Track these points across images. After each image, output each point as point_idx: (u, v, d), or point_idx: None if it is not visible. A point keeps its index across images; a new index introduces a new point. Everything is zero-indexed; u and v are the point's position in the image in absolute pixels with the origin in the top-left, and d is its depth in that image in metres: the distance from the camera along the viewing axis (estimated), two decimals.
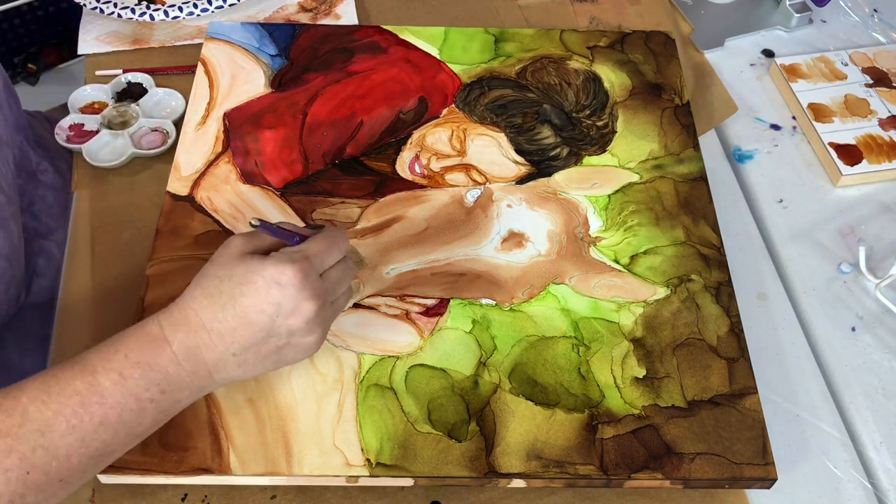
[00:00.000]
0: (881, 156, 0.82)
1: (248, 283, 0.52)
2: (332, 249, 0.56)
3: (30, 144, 0.78)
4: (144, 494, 0.59)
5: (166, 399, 0.52)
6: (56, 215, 0.77)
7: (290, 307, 0.52)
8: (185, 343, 0.52)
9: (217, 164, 0.75)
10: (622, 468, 0.58)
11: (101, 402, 0.49)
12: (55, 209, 0.77)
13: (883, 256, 0.76)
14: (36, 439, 0.47)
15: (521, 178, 0.75)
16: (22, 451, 0.47)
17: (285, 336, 0.54)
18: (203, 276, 0.54)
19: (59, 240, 0.76)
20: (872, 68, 0.90)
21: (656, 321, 0.66)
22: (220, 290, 0.53)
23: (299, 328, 0.53)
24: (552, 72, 0.83)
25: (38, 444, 0.47)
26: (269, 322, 0.53)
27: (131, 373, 0.50)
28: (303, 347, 0.55)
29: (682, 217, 0.73)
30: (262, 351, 0.54)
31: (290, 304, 0.52)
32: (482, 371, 0.63)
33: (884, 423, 0.67)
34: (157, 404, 0.51)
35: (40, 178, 0.77)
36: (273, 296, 0.52)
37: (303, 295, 0.53)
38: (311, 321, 0.54)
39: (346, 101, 0.80)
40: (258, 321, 0.52)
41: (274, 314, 0.52)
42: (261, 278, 0.52)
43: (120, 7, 0.90)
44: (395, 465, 0.58)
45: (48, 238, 0.75)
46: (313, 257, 0.55)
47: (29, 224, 0.74)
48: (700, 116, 0.85)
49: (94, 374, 0.50)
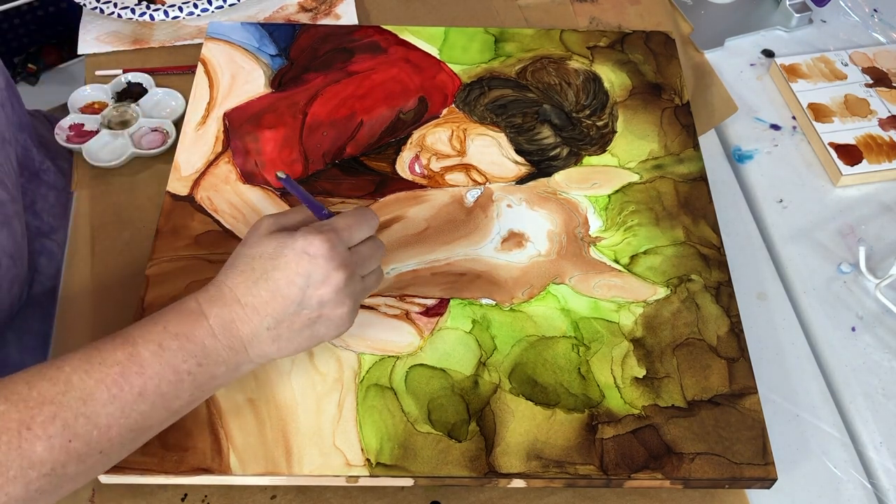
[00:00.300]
0: (881, 156, 0.82)
1: (278, 257, 0.54)
2: (362, 224, 0.58)
3: (33, 143, 0.78)
4: (144, 494, 0.59)
5: (203, 372, 0.53)
6: (58, 214, 0.77)
7: (319, 277, 0.54)
8: (221, 316, 0.53)
9: (217, 164, 0.75)
10: (622, 468, 0.58)
11: (141, 373, 0.50)
12: (57, 208, 0.77)
13: (883, 256, 0.76)
14: (78, 407, 0.48)
15: (521, 178, 0.75)
16: (65, 418, 0.48)
17: (317, 308, 0.55)
18: (236, 257, 0.56)
19: (60, 239, 0.76)
20: (872, 68, 0.90)
21: (656, 321, 0.66)
22: (253, 267, 0.54)
23: (330, 298, 0.54)
24: (552, 72, 0.83)
25: (80, 413, 0.48)
26: (299, 293, 0.54)
27: (170, 344, 0.52)
28: (335, 321, 0.56)
29: (682, 217, 0.73)
30: (295, 324, 0.55)
31: (320, 273, 0.54)
32: (482, 371, 0.63)
33: (884, 423, 0.67)
34: (195, 377, 0.52)
35: (43, 178, 0.77)
36: (303, 266, 0.54)
37: (332, 265, 0.54)
38: (341, 291, 0.55)
39: (346, 101, 0.80)
40: (289, 293, 0.54)
41: (304, 285, 0.54)
42: (291, 251, 0.54)
43: (120, 7, 0.90)
44: (395, 465, 0.58)
45: (50, 237, 0.76)
46: (342, 230, 0.56)
47: (31, 223, 0.74)
48: (700, 116, 0.85)
49: (134, 345, 0.51)
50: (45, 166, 0.78)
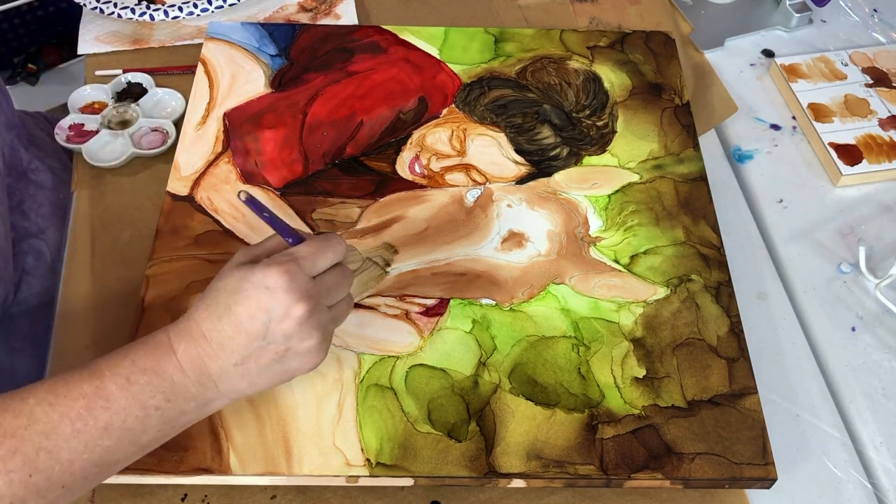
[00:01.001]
0: (881, 156, 0.82)
1: (239, 291, 0.52)
2: (326, 251, 0.55)
3: (21, 143, 0.77)
4: (144, 494, 0.59)
5: (171, 408, 0.51)
6: (47, 214, 0.77)
7: (280, 311, 0.52)
8: (189, 352, 0.52)
9: (217, 164, 0.75)
10: (622, 468, 0.58)
11: (107, 407, 0.49)
12: (46, 208, 0.77)
13: (883, 256, 0.76)
14: (40, 441, 0.47)
15: (521, 178, 0.75)
16: (26, 452, 0.47)
17: (283, 342, 0.53)
18: (209, 289, 0.54)
19: (49, 239, 0.75)
20: (872, 68, 0.90)
21: (656, 321, 0.66)
22: (217, 301, 0.53)
23: (294, 332, 0.53)
24: (552, 72, 0.83)
25: (42, 447, 0.47)
26: (262, 328, 0.52)
27: (137, 378, 0.50)
28: (304, 354, 0.54)
29: (682, 217, 0.73)
30: (262, 359, 0.53)
31: (281, 307, 0.52)
32: (482, 371, 0.63)
33: (884, 423, 0.67)
34: (163, 413, 0.51)
35: (31, 178, 0.77)
36: (263, 301, 0.52)
37: (292, 297, 0.52)
38: (305, 324, 0.53)
39: (346, 101, 0.80)
40: (252, 328, 0.52)
41: (267, 320, 0.52)
42: (250, 284, 0.52)
43: (120, 7, 0.90)
44: (395, 465, 0.58)
45: (38, 237, 0.75)
46: (302, 259, 0.54)
47: (18, 223, 0.74)
48: (700, 116, 0.85)
49: (101, 378, 0.50)
50: (34, 166, 0.78)
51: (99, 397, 0.49)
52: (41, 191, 0.77)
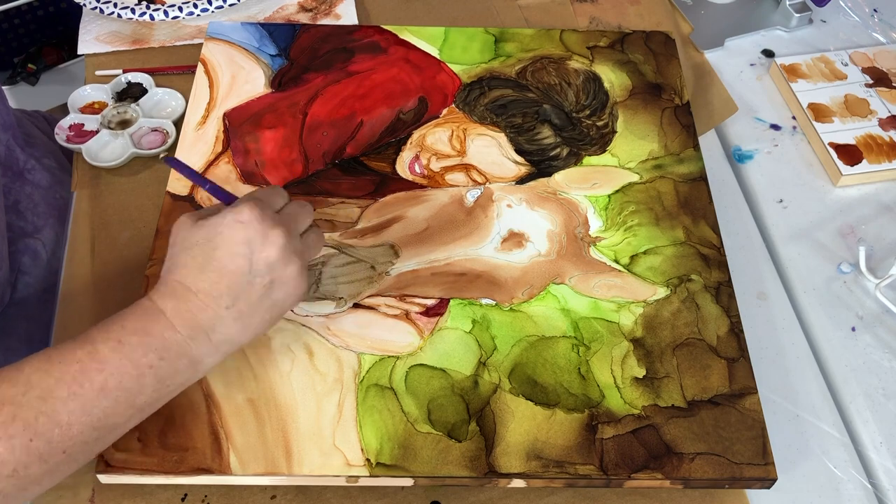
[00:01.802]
0: (881, 156, 0.82)
1: (214, 237, 0.54)
2: (275, 194, 0.59)
3: (17, 143, 0.77)
4: (144, 494, 0.59)
5: (165, 366, 0.52)
6: (43, 214, 0.77)
7: (259, 239, 0.54)
8: (178, 308, 0.53)
9: (217, 164, 0.75)
10: (622, 468, 0.58)
11: (101, 369, 0.50)
12: (42, 207, 0.77)
13: (883, 256, 0.76)
14: (38, 406, 0.48)
15: (521, 178, 0.75)
16: (25, 417, 0.47)
17: (267, 271, 0.55)
18: (171, 256, 0.56)
19: (45, 238, 0.76)
20: (872, 68, 0.90)
21: (656, 321, 0.66)
22: (193, 255, 0.54)
23: (277, 257, 0.55)
24: (552, 72, 0.83)
25: (40, 411, 0.48)
26: (245, 263, 0.54)
27: (129, 339, 0.52)
28: (288, 282, 0.56)
29: (682, 217, 0.73)
30: (252, 296, 0.55)
31: (258, 236, 0.54)
32: (482, 371, 0.63)
33: (884, 423, 0.67)
34: (156, 371, 0.52)
35: (27, 177, 0.77)
36: (240, 235, 0.54)
37: (266, 224, 0.55)
38: (285, 248, 0.55)
39: (346, 101, 0.80)
40: (236, 265, 0.54)
41: (248, 252, 0.54)
42: (223, 226, 0.54)
43: (120, 7, 0.90)
44: (395, 465, 0.58)
45: (34, 236, 0.75)
46: (261, 198, 0.57)
47: (14, 223, 0.74)
48: (700, 116, 0.85)
49: (93, 342, 0.51)
50: (30, 165, 0.78)
51: (93, 360, 0.50)
52: (37, 190, 0.77)
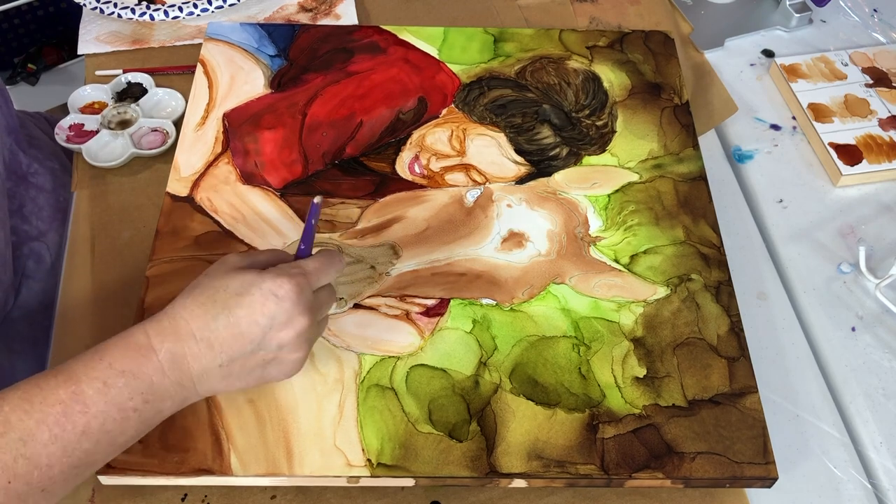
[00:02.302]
0: (881, 156, 0.82)
1: (244, 295, 0.52)
2: (329, 269, 0.57)
3: (20, 146, 0.77)
4: (144, 494, 0.59)
5: (149, 408, 0.51)
6: (47, 217, 0.76)
7: (283, 320, 0.53)
8: (172, 351, 0.52)
9: (217, 165, 0.75)
10: (623, 468, 0.58)
11: (84, 412, 0.49)
12: (46, 211, 0.76)
13: (883, 256, 0.76)
14: (18, 448, 0.47)
15: (520, 178, 0.75)
16: (4, 460, 0.46)
17: (274, 350, 0.54)
18: (196, 287, 0.54)
19: (50, 242, 0.75)
20: (872, 68, 0.90)
21: (656, 321, 0.66)
22: (214, 300, 0.52)
23: (289, 342, 0.53)
24: (551, 72, 0.83)
25: (19, 454, 0.47)
26: (260, 334, 0.53)
27: (115, 381, 0.50)
28: (288, 364, 0.55)
29: (682, 216, 0.73)
30: (248, 364, 0.54)
31: (285, 316, 0.53)
32: (483, 371, 0.63)
33: (884, 423, 0.67)
34: (140, 414, 0.51)
35: (31, 180, 0.77)
36: (269, 308, 0.52)
37: (298, 309, 0.53)
38: (302, 336, 0.54)
39: (345, 102, 0.80)
40: (250, 332, 0.52)
41: (267, 326, 0.52)
42: (258, 290, 0.52)
43: (120, 7, 0.90)
44: (396, 465, 0.58)
45: (39, 240, 0.75)
46: (310, 274, 0.55)
47: (19, 227, 0.74)
48: (700, 116, 0.85)
49: (77, 382, 0.49)
50: (34, 169, 0.77)
51: (76, 402, 0.49)
52: (41, 193, 0.77)
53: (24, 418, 0.47)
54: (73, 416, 0.48)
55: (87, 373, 0.50)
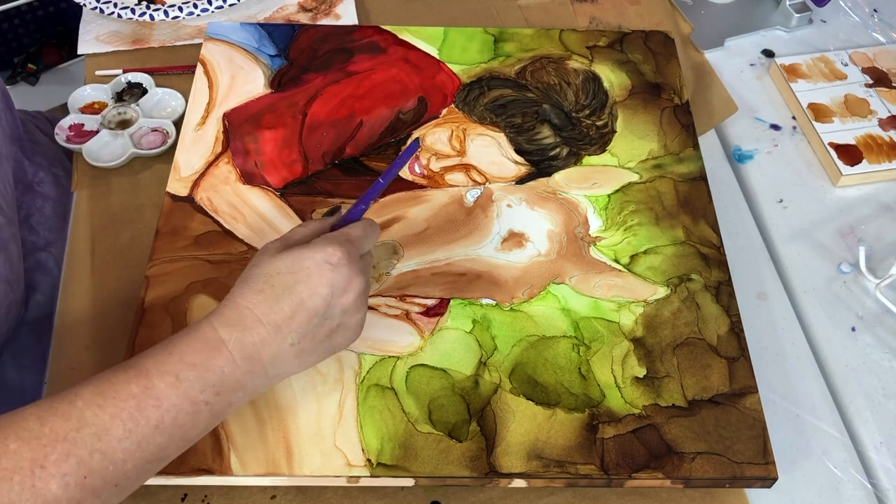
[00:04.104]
0: (881, 156, 0.82)
1: (298, 271, 0.53)
2: (370, 235, 0.59)
3: (25, 154, 0.77)
4: (144, 494, 0.59)
5: (220, 401, 0.51)
6: (54, 227, 0.76)
7: (343, 285, 0.54)
8: (242, 341, 0.52)
9: (217, 165, 0.75)
10: (623, 468, 0.58)
11: (157, 405, 0.49)
12: (53, 220, 0.76)
13: (883, 256, 0.76)
14: (93, 443, 0.47)
15: (520, 178, 0.75)
16: (80, 455, 0.46)
17: (339, 316, 0.55)
18: (248, 278, 0.54)
19: (56, 252, 0.75)
20: (872, 68, 0.90)
21: (656, 321, 0.66)
22: (272, 284, 0.53)
23: (351, 305, 0.55)
24: (552, 72, 0.83)
25: (95, 449, 0.47)
26: (324, 305, 0.54)
27: (187, 374, 0.50)
28: (351, 328, 0.56)
29: (682, 217, 0.73)
30: (317, 337, 0.54)
31: (343, 281, 0.54)
32: (483, 371, 0.63)
33: (884, 423, 0.67)
34: (212, 407, 0.51)
35: (37, 189, 0.76)
36: (326, 276, 0.53)
37: (353, 271, 0.54)
38: (361, 296, 0.55)
39: (345, 102, 0.80)
40: (314, 304, 0.53)
41: (329, 294, 0.54)
42: (313, 263, 0.53)
43: (120, 7, 0.90)
44: (396, 465, 0.58)
45: (46, 250, 0.75)
46: (356, 239, 0.56)
47: (26, 238, 0.73)
48: (700, 116, 0.85)
49: (148, 376, 0.49)
50: (39, 177, 0.77)
51: (149, 396, 0.49)
52: (47, 202, 0.77)
53: (99, 413, 0.48)
54: (147, 410, 0.49)
55: (158, 367, 0.50)
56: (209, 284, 0.66)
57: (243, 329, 0.52)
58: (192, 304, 0.65)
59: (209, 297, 0.66)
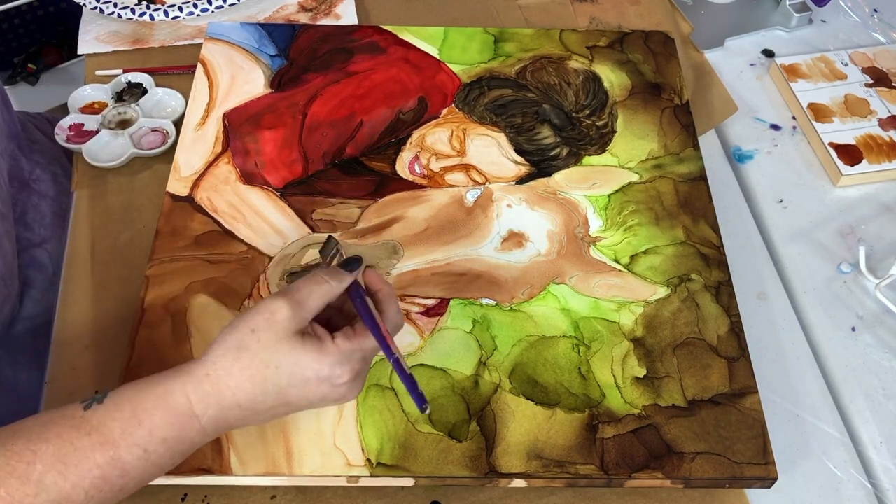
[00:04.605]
0: (881, 156, 0.82)
1: (297, 375, 0.50)
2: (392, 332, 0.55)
3: (22, 152, 0.77)
4: (144, 494, 0.59)
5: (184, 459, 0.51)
6: (50, 224, 0.76)
7: (334, 398, 0.52)
8: (216, 418, 0.50)
9: (217, 165, 0.75)
10: (623, 468, 0.58)
11: (123, 475, 0.48)
12: (49, 218, 0.76)
13: (883, 256, 0.76)
14: None
15: (520, 177, 0.75)
16: None
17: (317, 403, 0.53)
18: (242, 351, 0.50)
19: (51, 249, 0.75)
20: (872, 68, 0.90)
21: (656, 321, 0.66)
22: (265, 377, 0.50)
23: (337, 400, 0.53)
24: (552, 72, 0.83)
25: None
26: (308, 405, 0.52)
27: (156, 448, 0.48)
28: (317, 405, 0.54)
29: (682, 217, 0.73)
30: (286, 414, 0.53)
31: (337, 395, 0.52)
32: (482, 371, 0.63)
33: (884, 423, 0.67)
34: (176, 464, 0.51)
35: (33, 187, 0.76)
36: (322, 391, 0.51)
37: (352, 391, 0.52)
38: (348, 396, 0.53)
39: (345, 102, 0.80)
40: (297, 404, 0.52)
41: (317, 402, 0.52)
42: (314, 376, 0.50)
43: (120, 7, 0.90)
44: (396, 465, 0.58)
45: (41, 247, 0.74)
46: (370, 355, 0.53)
47: (21, 234, 0.73)
48: (700, 116, 0.85)
49: (115, 447, 0.47)
50: (36, 175, 0.77)
51: (114, 468, 0.47)
52: (44, 200, 0.77)
53: (59, 481, 0.46)
54: (112, 479, 0.47)
55: (126, 439, 0.48)
56: (209, 284, 0.66)
57: (220, 408, 0.50)
58: (191, 303, 0.65)
59: (209, 296, 0.66)
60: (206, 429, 0.50)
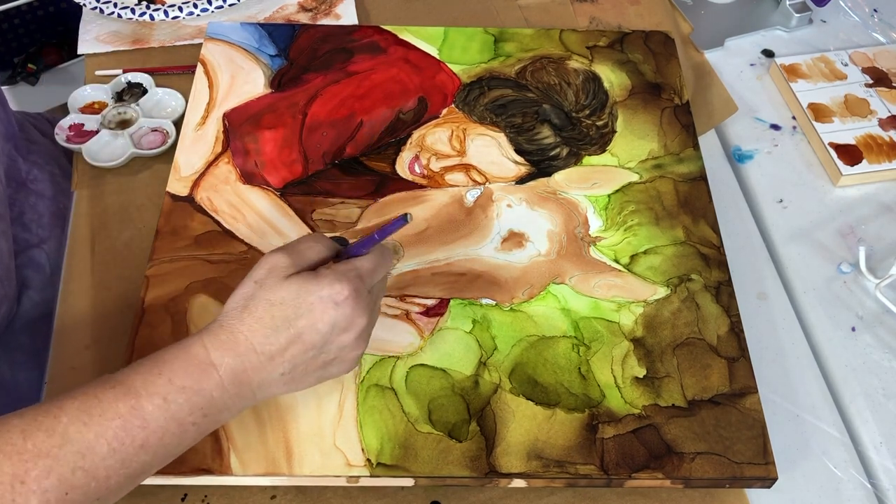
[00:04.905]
0: (881, 156, 0.82)
1: (302, 304, 0.52)
2: (382, 268, 0.57)
3: (19, 152, 0.77)
4: (144, 494, 0.59)
5: (207, 421, 0.51)
6: (47, 224, 0.76)
7: (344, 324, 0.53)
8: (233, 367, 0.51)
9: (217, 165, 0.75)
10: (623, 468, 0.58)
11: (144, 427, 0.48)
12: (46, 218, 0.76)
13: (883, 256, 0.76)
14: (76, 461, 0.46)
15: (520, 178, 0.75)
16: (61, 472, 0.46)
17: (335, 351, 0.54)
18: (250, 300, 0.53)
19: (49, 249, 0.75)
20: (872, 68, 0.90)
21: (656, 321, 0.66)
22: (272, 314, 0.52)
23: (349, 343, 0.54)
24: (552, 72, 0.83)
25: (77, 466, 0.46)
26: (321, 340, 0.53)
27: (175, 397, 0.49)
28: (347, 362, 0.56)
29: (682, 217, 0.73)
30: (310, 367, 0.54)
31: (345, 321, 0.53)
32: (482, 371, 0.63)
33: (884, 423, 0.67)
34: (199, 427, 0.51)
35: (31, 187, 0.76)
36: (329, 314, 0.52)
37: (357, 311, 0.53)
38: (361, 336, 0.54)
39: (345, 102, 0.80)
40: (311, 340, 0.53)
41: (328, 332, 0.53)
42: (317, 299, 0.52)
43: (120, 7, 0.90)
44: (396, 465, 0.58)
45: (38, 247, 0.74)
46: (366, 275, 0.55)
47: (19, 235, 0.73)
48: (700, 116, 0.85)
49: (137, 397, 0.49)
50: (34, 175, 0.77)
51: (135, 417, 0.48)
52: (41, 200, 0.77)
53: (84, 430, 0.47)
54: (133, 430, 0.48)
55: (147, 387, 0.49)
56: (209, 284, 0.66)
57: (236, 355, 0.51)
58: (192, 303, 0.65)
59: (209, 296, 0.66)
60: (224, 379, 0.51)
